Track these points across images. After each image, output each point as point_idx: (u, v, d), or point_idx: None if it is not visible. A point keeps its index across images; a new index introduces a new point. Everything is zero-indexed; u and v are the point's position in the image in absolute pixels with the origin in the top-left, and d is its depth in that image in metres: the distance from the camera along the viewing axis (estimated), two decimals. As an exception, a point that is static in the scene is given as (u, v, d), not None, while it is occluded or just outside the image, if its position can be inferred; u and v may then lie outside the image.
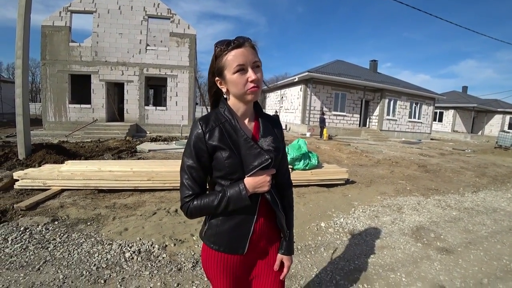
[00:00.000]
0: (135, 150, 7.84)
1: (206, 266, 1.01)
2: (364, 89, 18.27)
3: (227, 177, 0.92)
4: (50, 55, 12.49)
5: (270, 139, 0.95)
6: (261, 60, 0.91)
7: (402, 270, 2.43)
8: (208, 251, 0.98)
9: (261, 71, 0.91)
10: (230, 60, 0.86)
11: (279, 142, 1.00)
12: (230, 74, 0.87)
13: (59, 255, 2.30)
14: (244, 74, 0.86)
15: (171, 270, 2.19)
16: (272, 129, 1.01)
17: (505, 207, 4.61)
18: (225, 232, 0.95)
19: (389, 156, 9.73)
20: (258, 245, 1.01)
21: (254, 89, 0.88)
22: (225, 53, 0.87)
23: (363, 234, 3.14)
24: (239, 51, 0.86)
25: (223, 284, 0.99)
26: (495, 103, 29.23)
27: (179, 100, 13.97)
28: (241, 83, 0.87)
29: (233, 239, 0.96)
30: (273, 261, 1.06)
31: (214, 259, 0.98)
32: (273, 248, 1.07)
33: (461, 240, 3.16)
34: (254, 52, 0.89)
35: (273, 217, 1.02)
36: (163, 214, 3.30)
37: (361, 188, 5.13)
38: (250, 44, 0.89)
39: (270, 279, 1.05)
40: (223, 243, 0.96)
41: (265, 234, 1.02)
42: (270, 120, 1.04)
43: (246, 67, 0.86)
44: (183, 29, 13.63)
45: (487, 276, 2.43)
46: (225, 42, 0.88)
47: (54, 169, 4.25)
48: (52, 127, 12.71)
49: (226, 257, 0.97)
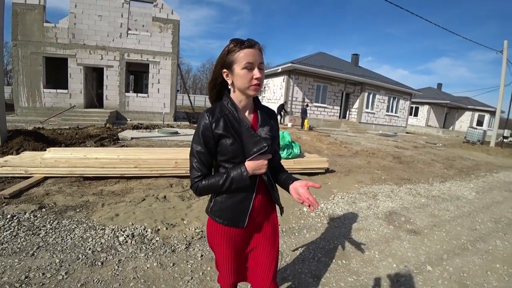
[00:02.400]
0: (117, 138, 7.71)
1: (211, 238, 1.18)
2: (345, 82, 18.75)
3: (230, 160, 1.08)
4: (22, 35, 11.71)
5: (267, 129, 1.10)
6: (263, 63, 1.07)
7: (375, 249, 2.71)
8: (213, 224, 1.15)
9: (264, 72, 1.06)
10: (241, 57, 0.99)
11: (274, 131, 1.15)
12: (239, 69, 1.00)
13: (52, 241, 2.34)
14: (251, 72, 1.00)
15: (165, 251, 2.32)
16: (269, 120, 1.16)
17: (467, 195, 5.09)
18: (228, 208, 1.12)
19: (366, 148, 10.20)
20: (256, 220, 1.18)
21: (256, 87, 1.03)
22: (238, 50, 0.99)
23: (341, 218, 3.41)
24: (251, 50, 0.99)
25: (226, 253, 1.16)
26: (466, 100, 31.02)
27: (161, 87, 13.69)
28: (247, 78, 1.01)
29: (235, 214, 1.12)
30: (269, 234, 1.23)
31: (218, 231, 1.15)
32: (269, 222, 1.24)
33: (427, 223, 3.52)
34: (261, 55, 1.03)
35: (269, 195, 1.21)
36: (152, 200, 3.39)
37: (340, 177, 5.44)
38: (259, 47, 1.03)
39: (266, 250, 1.21)
40: (227, 217, 1.12)
41: (262, 210, 1.19)
42: (267, 112, 1.19)
43: (253, 66, 1.00)
44: (167, 14, 13.24)
45: (447, 253, 2.78)
46: (240, 40, 1.01)
47: (36, 156, 4.16)
48: (25, 113, 12.06)
49: (229, 230, 1.14)
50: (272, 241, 1.23)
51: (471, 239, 3.19)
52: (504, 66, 15.93)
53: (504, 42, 15.88)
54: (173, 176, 4.30)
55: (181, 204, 3.31)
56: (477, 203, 4.67)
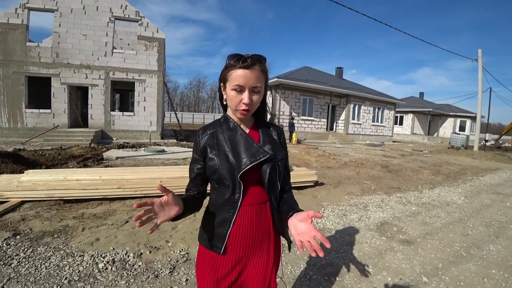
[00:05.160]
0: (102, 158, 7.49)
1: (197, 261, 1.07)
2: (330, 94, 19.11)
3: (211, 177, 1.00)
4: (3, 55, 11.47)
5: (268, 147, 0.98)
6: (266, 83, 0.97)
7: (369, 262, 2.63)
8: (200, 245, 1.06)
9: (260, 96, 0.95)
10: (232, 77, 0.90)
11: (279, 150, 1.02)
12: (229, 88, 0.93)
13: (25, 271, 2.16)
14: (240, 94, 0.91)
15: (148, 277, 2.17)
16: (272, 137, 1.04)
17: (456, 200, 5.13)
18: (207, 228, 1.02)
19: (355, 158, 10.27)
20: (243, 249, 0.99)
21: (243, 112, 0.94)
22: (232, 68, 0.90)
23: (333, 232, 3.33)
24: (244, 72, 0.89)
25: (205, 280, 1.01)
26: (448, 107, 32.11)
27: (147, 105, 13.55)
28: (234, 101, 0.93)
29: (213, 237, 0.99)
30: (262, 268, 1.02)
31: (200, 252, 1.05)
32: (262, 257, 1.03)
33: (419, 232, 3.48)
34: (260, 77, 0.92)
35: (265, 221, 1.02)
36: (136, 222, 3.22)
37: (329, 189, 5.39)
38: (261, 67, 0.92)
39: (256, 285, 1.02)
40: (205, 238, 1.02)
41: (256, 239, 1.01)
42: (270, 128, 1.07)
43: (244, 89, 0.90)
44: (152, 32, 13.31)
45: (442, 262, 2.73)
46: (236, 57, 0.90)
47: (13, 180, 3.95)
48: (6, 133, 11.64)
49: (209, 253, 1.01)
50: (262, 283, 1.01)
51: (464, 245, 3.16)
52: (480, 74, 16.64)
53: (479, 51, 16.67)
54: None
55: (166, 225, 3.16)
56: (467, 207, 4.70)
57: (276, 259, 1.08)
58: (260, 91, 0.94)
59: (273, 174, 0.97)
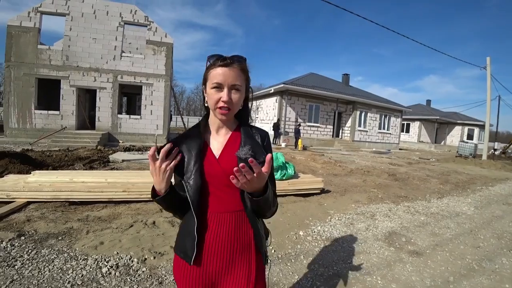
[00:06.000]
0: (108, 160, 7.53)
1: (173, 270, 1.02)
2: (337, 101, 19.04)
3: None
4: (15, 57, 11.73)
5: (248, 148, 0.92)
6: (248, 82, 0.96)
7: (377, 273, 2.55)
8: (175, 254, 1.00)
9: (240, 94, 0.92)
10: (211, 75, 0.90)
11: (260, 152, 0.94)
12: (209, 88, 0.91)
13: (28, 273, 2.14)
14: (219, 92, 0.89)
15: (152, 284, 2.13)
16: (253, 139, 0.98)
17: (466, 211, 5.00)
18: (179, 237, 0.98)
19: (361, 166, 10.16)
20: (216, 261, 0.93)
21: (223, 111, 0.89)
22: (212, 68, 0.90)
23: (339, 241, 3.25)
24: (223, 69, 0.88)
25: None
26: (455, 115, 31.75)
27: (154, 109, 13.66)
28: (213, 100, 0.90)
29: (183, 246, 0.94)
30: (244, 281, 0.94)
31: (176, 263, 0.99)
32: (241, 269, 0.96)
33: (429, 243, 3.38)
34: (239, 75, 0.91)
35: (244, 232, 0.96)
36: (141, 226, 3.20)
37: (336, 197, 5.31)
38: (240, 66, 0.91)
39: None
40: (178, 248, 0.97)
41: (224, 250, 0.94)
42: (253, 131, 1.02)
43: (222, 87, 0.88)
44: (160, 37, 13.48)
45: (453, 275, 2.64)
46: (215, 57, 0.91)
47: (20, 180, 3.98)
48: (15, 134, 11.83)
49: (183, 264, 0.95)
50: None
51: (476, 258, 3.06)
52: (488, 82, 16.44)
53: (487, 59, 16.49)
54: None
55: (171, 231, 3.13)
56: (477, 218, 4.57)
57: (260, 278, 0.98)
58: (240, 90, 0.91)
59: None
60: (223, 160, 0.94)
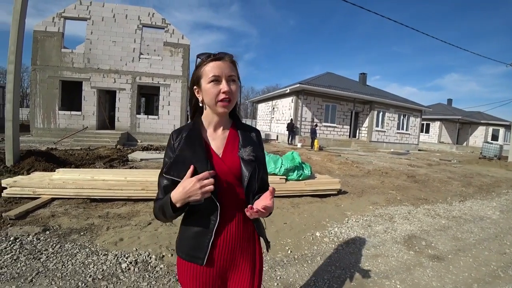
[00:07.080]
0: (127, 159, 7.75)
1: (178, 274, 1.01)
2: (354, 101, 18.68)
3: None
4: (41, 60, 12.34)
5: (250, 149, 0.96)
6: (238, 76, 0.96)
7: (396, 278, 2.48)
8: (178, 258, 0.99)
9: (237, 86, 0.94)
10: (207, 70, 0.91)
11: (259, 150, 1.01)
12: (205, 83, 0.91)
13: (52, 266, 2.24)
14: (218, 85, 0.90)
15: (169, 281, 2.17)
16: (251, 138, 1.02)
17: (491, 215, 4.77)
18: (186, 240, 0.96)
19: (379, 167, 9.91)
20: (226, 257, 0.96)
21: (224, 103, 0.91)
22: (204, 64, 0.92)
23: (357, 243, 3.19)
24: (217, 63, 0.90)
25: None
26: (479, 115, 30.34)
27: (171, 109, 13.95)
28: (213, 93, 0.90)
29: (193, 248, 0.93)
30: (248, 277, 1.00)
31: (180, 266, 0.98)
32: (248, 261, 1.01)
33: (451, 248, 3.25)
34: (232, 67, 0.93)
35: (250, 226, 1.01)
36: (159, 224, 3.27)
37: (353, 198, 5.21)
38: (230, 59, 0.94)
39: None
40: (184, 251, 0.95)
41: (237, 246, 0.97)
42: (250, 131, 1.05)
43: (220, 79, 0.90)
44: (177, 39, 13.74)
45: (476, 282, 2.52)
46: (206, 54, 0.94)
47: (45, 177, 4.16)
48: (40, 133, 12.42)
49: (190, 266, 0.95)
50: (250, 285, 1.00)
51: (501, 264, 2.91)
52: (517, 81, 15.60)
53: (515, 57, 15.67)
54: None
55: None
56: (503, 223, 4.35)
57: (261, 268, 1.07)
58: (235, 80, 0.94)
59: (253, 177, 0.95)
60: (227, 159, 0.96)
